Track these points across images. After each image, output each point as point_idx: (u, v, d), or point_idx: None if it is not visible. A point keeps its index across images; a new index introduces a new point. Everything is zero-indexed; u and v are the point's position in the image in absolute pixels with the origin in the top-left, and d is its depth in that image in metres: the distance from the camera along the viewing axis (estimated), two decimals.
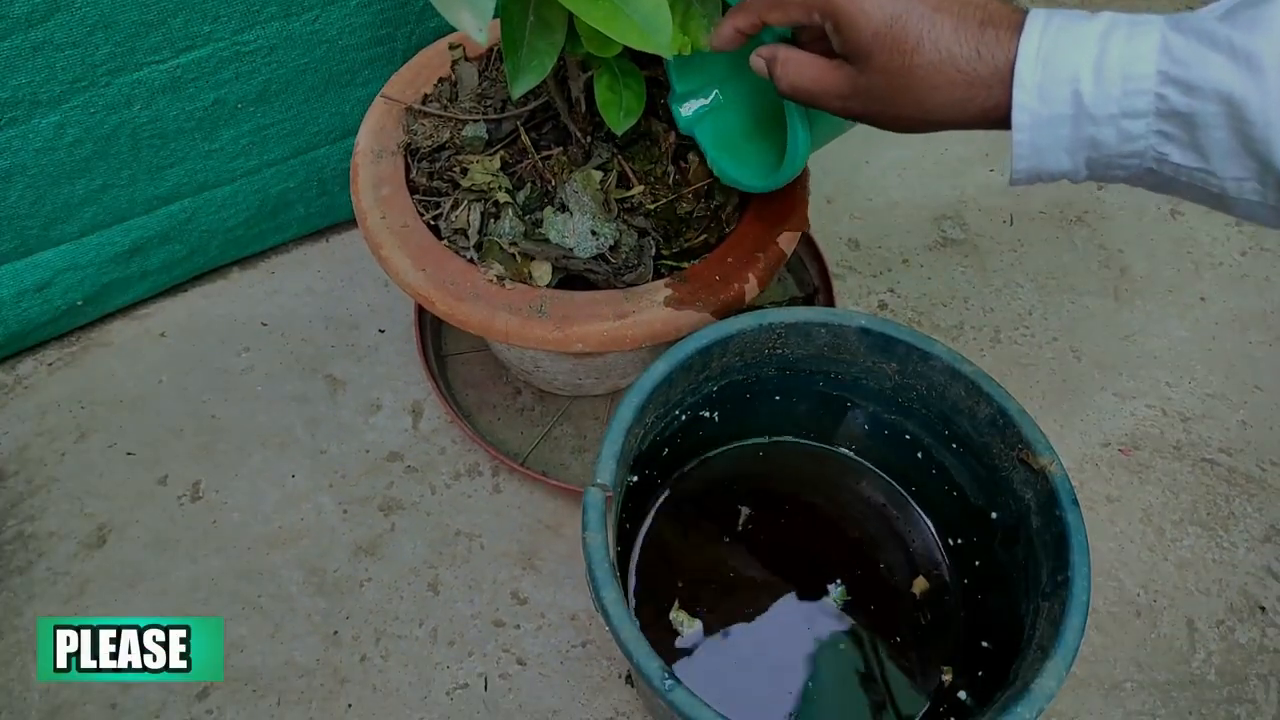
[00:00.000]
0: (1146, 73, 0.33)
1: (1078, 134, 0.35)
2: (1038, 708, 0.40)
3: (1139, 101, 0.33)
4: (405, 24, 0.76)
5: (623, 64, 0.57)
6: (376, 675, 0.64)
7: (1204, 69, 0.32)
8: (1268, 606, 0.69)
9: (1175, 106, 0.33)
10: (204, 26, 0.67)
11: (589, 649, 0.66)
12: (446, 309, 0.56)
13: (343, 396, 0.78)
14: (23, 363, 0.78)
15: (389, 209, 0.60)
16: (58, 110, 0.66)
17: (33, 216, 0.70)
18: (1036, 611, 0.47)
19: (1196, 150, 0.33)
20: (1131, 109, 0.34)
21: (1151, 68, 0.33)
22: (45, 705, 0.62)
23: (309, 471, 0.73)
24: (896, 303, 0.86)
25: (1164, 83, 0.33)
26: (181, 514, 0.71)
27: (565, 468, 0.74)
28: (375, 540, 0.70)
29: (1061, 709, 0.64)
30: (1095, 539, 0.70)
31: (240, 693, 0.63)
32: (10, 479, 0.72)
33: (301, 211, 0.84)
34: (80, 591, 0.67)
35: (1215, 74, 0.32)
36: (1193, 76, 0.32)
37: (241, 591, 0.68)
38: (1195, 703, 0.65)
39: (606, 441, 0.49)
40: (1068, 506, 0.46)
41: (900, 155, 0.98)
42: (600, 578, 0.44)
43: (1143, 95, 0.33)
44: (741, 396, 0.60)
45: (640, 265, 0.60)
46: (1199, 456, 0.77)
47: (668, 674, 0.41)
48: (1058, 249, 0.90)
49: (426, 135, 0.64)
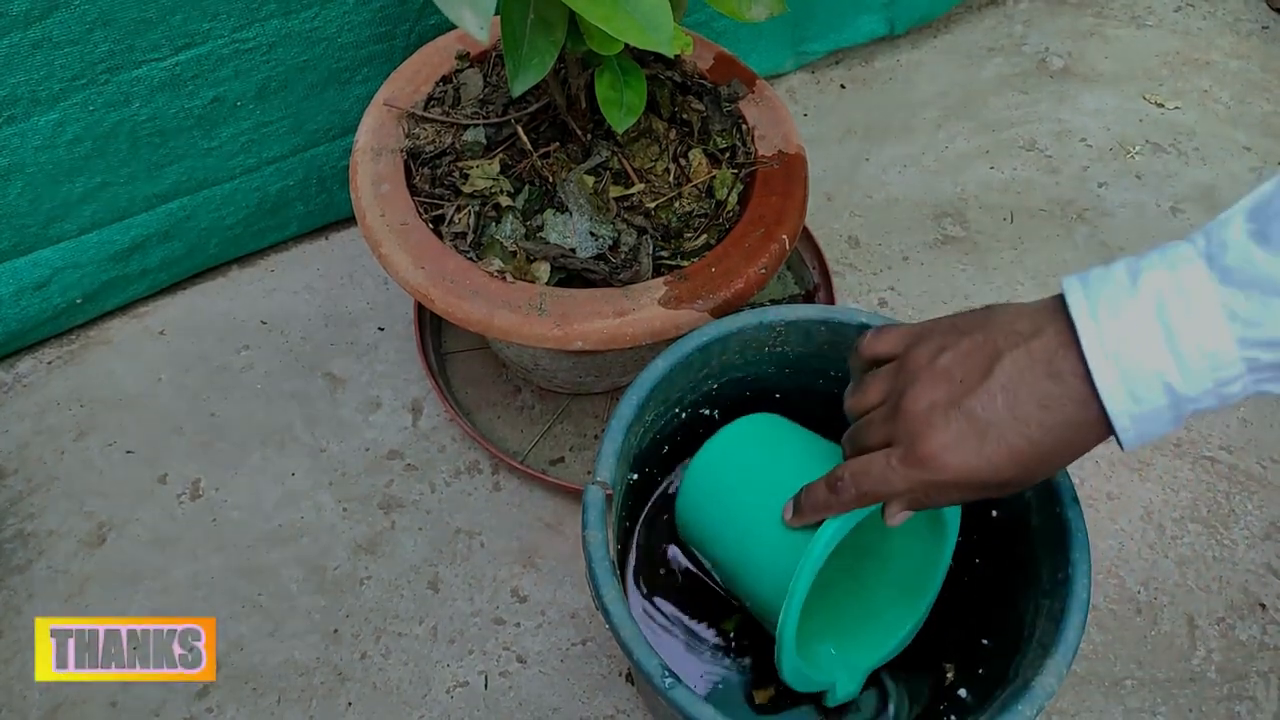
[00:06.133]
0: (1227, 346, 0.32)
1: (1178, 412, 0.34)
2: (1038, 705, 0.40)
3: (1230, 370, 0.33)
4: (405, 21, 0.76)
5: (624, 62, 0.57)
6: (376, 673, 0.64)
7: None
8: (1268, 604, 0.69)
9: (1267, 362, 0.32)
10: (203, 24, 0.67)
11: (589, 647, 0.66)
12: (446, 307, 0.56)
13: (342, 394, 0.78)
14: (22, 361, 0.78)
15: (388, 207, 0.60)
16: (57, 108, 0.66)
17: (32, 214, 0.70)
18: (1037, 609, 0.47)
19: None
20: (1225, 379, 0.33)
21: (1229, 339, 0.32)
22: (45, 704, 0.62)
23: (309, 469, 0.73)
24: (897, 300, 0.86)
25: (1247, 347, 0.32)
26: (181, 512, 0.71)
27: (565, 465, 0.74)
28: (375, 538, 0.70)
29: (1062, 706, 0.64)
30: (1096, 536, 0.70)
31: (240, 691, 0.63)
32: (10, 478, 0.72)
33: (301, 209, 0.84)
34: (80, 590, 0.67)
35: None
36: (1274, 333, 0.32)
37: (241, 590, 0.68)
38: (1196, 700, 0.65)
39: (607, 439, 0.49)
40: (1068, 504, 0.46)
41: (901, 152, 0.98)
42: (600, 576, 0.44)
43: (1232, 365, 0.33)
44: (741, 394, 0.59)
45: (639, 264, 0.60)
46: (1199, 454, 0.77)
47: (668, 672, 0.41)
48: (1058, 246, 0.90)
49: (429, 140, 0.64)
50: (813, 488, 0.44)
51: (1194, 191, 0.95)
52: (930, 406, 0.39)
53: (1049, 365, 0.36)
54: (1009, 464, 0.37)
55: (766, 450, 0.52)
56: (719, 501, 0.52)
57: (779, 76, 1.04)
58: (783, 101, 0.73)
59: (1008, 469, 0.37)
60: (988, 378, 0.37)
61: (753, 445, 0.53)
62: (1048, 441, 0.37)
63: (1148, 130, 1.01)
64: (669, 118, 0.67)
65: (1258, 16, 1.14)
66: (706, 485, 0.52)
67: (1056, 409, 0.36)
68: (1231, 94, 1.05)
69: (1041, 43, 1.10)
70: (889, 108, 1.02)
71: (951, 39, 1.10)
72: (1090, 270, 0.36)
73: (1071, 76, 1.06)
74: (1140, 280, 0.34)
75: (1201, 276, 0.33)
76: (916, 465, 0.39)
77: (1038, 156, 0.98)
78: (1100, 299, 0.35)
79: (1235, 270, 0.32)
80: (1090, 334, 0.35)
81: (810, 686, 0.50)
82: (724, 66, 0.70)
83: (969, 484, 0.38)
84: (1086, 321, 0.35)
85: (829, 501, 0.43)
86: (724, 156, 0.66)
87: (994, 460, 0.37)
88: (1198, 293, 0.33)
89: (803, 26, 0.99)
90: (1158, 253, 0.35)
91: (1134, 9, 1.15)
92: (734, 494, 0.51)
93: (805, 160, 0.65)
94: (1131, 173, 0.97)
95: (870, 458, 0.41)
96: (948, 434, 0.38)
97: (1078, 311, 0.35)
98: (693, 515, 0.53)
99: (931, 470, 0.38)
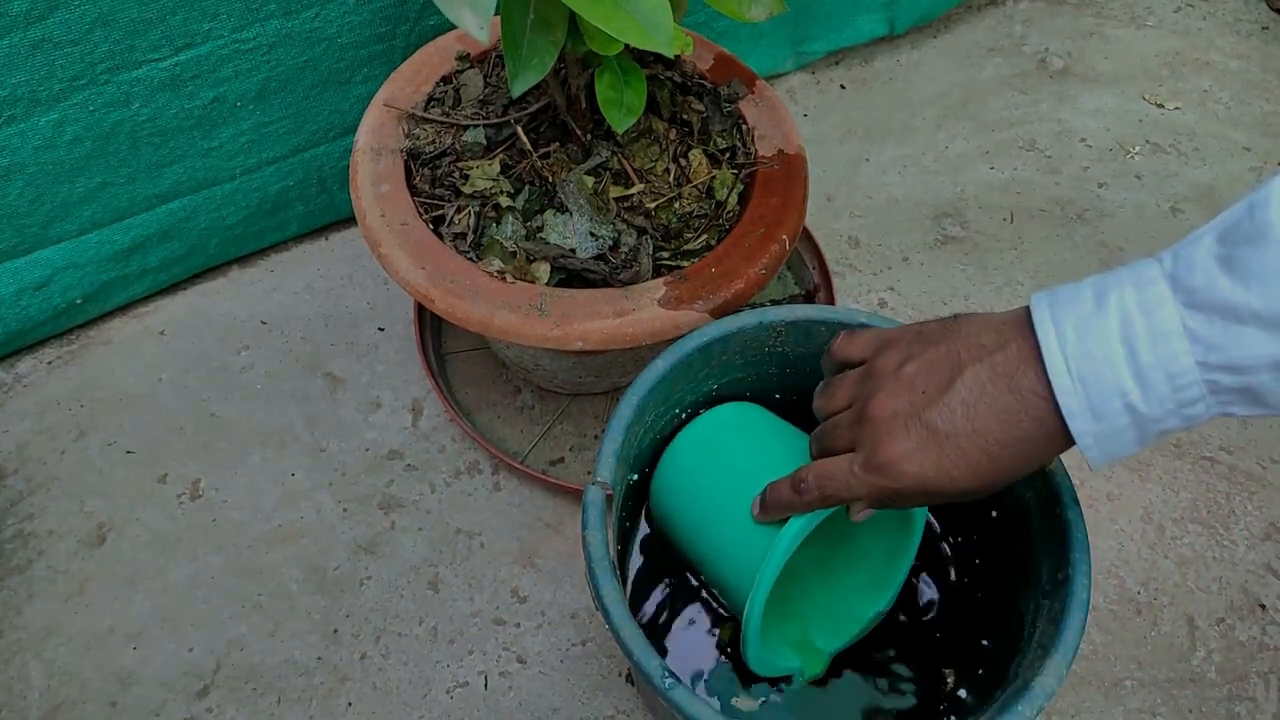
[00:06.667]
0: (1187, 367, 0.33)
1: (1142, 432, 0.35)
2: (1038, 705, 0.40)
3: (1191, 392, 0.33)
4: (405, 21, 0.76)
5: (625, 62, 0.57)
6: (376, 673, 0.64)
7: (1242, 348, 0.31)
8: (1268, 604, 0.69)
9: (1228, 385, 0.33)
10: (203, 24, 0.67)
11: (589, 647, 0.66)
12: (446, 307, 0.56)
13: (342, 395, 0.78)
14: (22, 361, 0.78)
15: (388, 207, 0.60)
16: (57, 108, 0.66)
17: (32, 214, 0.70)
18: (1037, 609, 0.47)
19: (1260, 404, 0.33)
20: (1186, 400, 0.33)
21: (1190, 361, 0.33)
22: (45, 704, 0.62)
23: (309, 470, 0.73)
24: (897, 300, 0.86)
25: (1208, 371, 0.32)
26: (181, 512, 0.71)
27: (565, 466, 0.74)
28: (375, 538, 0.70)
29: (1062, 707, 0.64)
30: (1096, 537, 0.70)
31: (240, 691, 0.63)
32: (10, 477, 0.72)
33: (301, 209, 0.84)
34: (80, 590, 0.67)
35: (1256, 350, 0.31)
36: (1234, 358, 0.32)
37: (241, 590, 0.68)
38: (1195, 700, 0.65)
39: (607, 439, 0.49)
40: (1068, 505, 0.46)
41: (900, 153, 0.98)
42: (600, 576, 0.44)
43: (1193, 386, 0.33)
44: (741, 394, 0.59)
45: (639, 264, 0.60)
46: (1199, 454, 0.77)
47: (668, 672, 0.41)
48: (1058, 247, 0.90)
49: (429, 140, 0.64)
50: (778, 486, 0.45)
51: (1194, 192, 0.95)
52: (893, 415, 0.40)
53: (1010, 380, 0.37)
54: (966, 475, 0.38)
55: (740, 440, 0.53)
56: (691, 488, 0.53)
57: (779, 76, 1.04)
58: (783, 101, 0.73)
59: (964, 480, 0.39)
60: (949, 390, 0.38)
61: (727, 435, 0.54)
62: (1005, 455, 0.38)
63: (1148, 130, 1.01)
64: (669, 118, 0.67)
65: (1258, 16, 1.14)
66: (680, 472, 0.54)
67: (1015, 424, 0.37)
68: (1231, 94, 1.05)
69: (1041, 43, 1.10)
70: (889, 108, 1.02)
71: (951, 39, 1.10)
72: (1059, 288, 0.37)
73: (1071, 77, 1.06)
74: (1107, 300, 0.35)
75: (1165, 298, 0.33)
76: (876, 472, 0.40)
77: (1038, 157, 0.98)
78: (1066, 319, 0.35)
79: (1199, 293, 0.32)
80: (1054, 353, 0.35)
81: (775, 672, 0.52)
82: (724, 66, 0.70)
83: (927, 492, 0.40)
84: (1051, 340, 0.35)
85: (793, 501, 0.44)
86: (724, 157, 0.66)
87: (951, 471, 0.38)
88: (1161, 315, 0.33)
89: (803, 26, 0.99)
90: (1127, 270, 0.35)
91: (1134, 9, 1.15)
92: (706, 482, 0.52)
93: (805, 160, 0.65)
94: (1131, 173, 0.97)
95: (834, 461, 0.42)
96: (908, 443, 0.39)
97: (1043, 331, 0.36)
98: (665, 500, 0.54)
99: (890, 478, 0.40)
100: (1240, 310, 0.31)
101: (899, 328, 0.44)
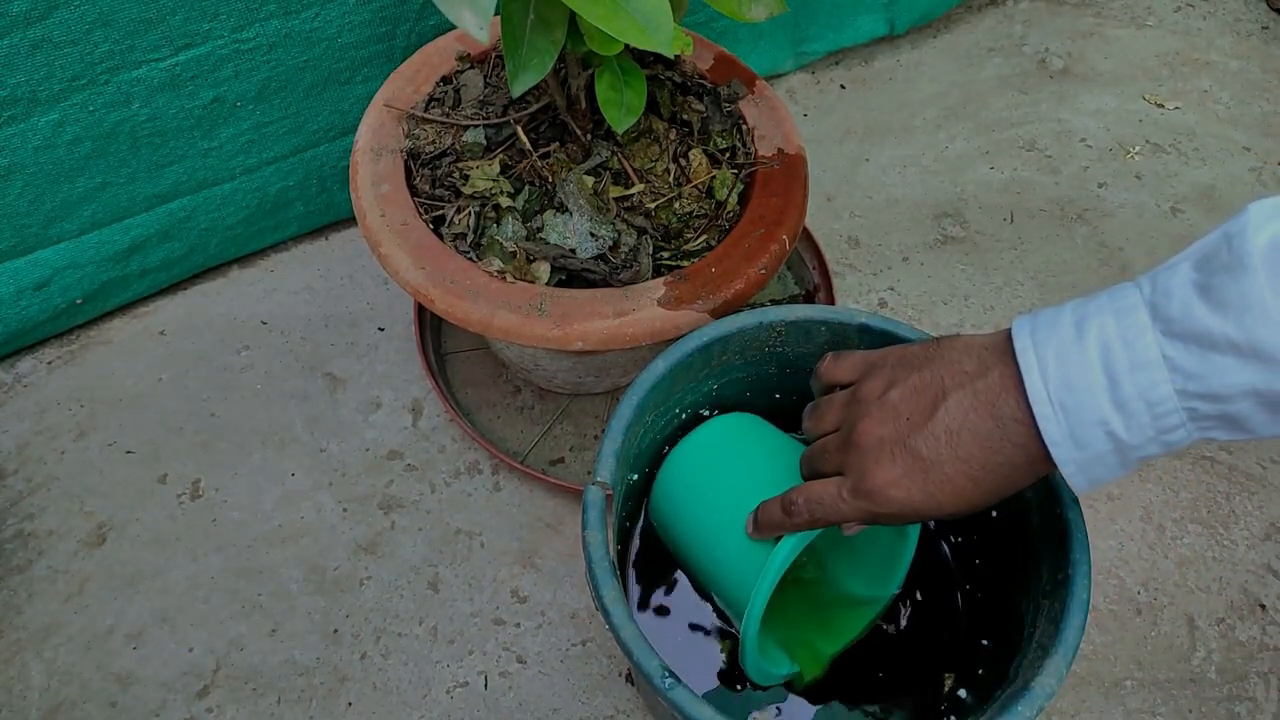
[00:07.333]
0: (1166, 395, 0.33)
1: (1124, 458, 0.35)
2: (1038, 706, 0.40)
3: (1171, 420, 0.34)
4: (405, 21, 0.76)
5: (625, 62, 0.57)
6: (376, 674, 0.64)
7: (1220, 376, 0.32)
8: (1268, 604, 0.69)
9: (1207, 413, 0.33)
10: (203, 24, 0.67)
11: (589, 647, 0.66)
12: (446, 307, 0.56)
13: (342, 395, 0.78)
14: (22, 361, 0.78)
15: (388, 207, 0.60)
16: (57, 108, 0.66)
17: (32, 214, 0.70)
18: (1037, 609, 0.47)
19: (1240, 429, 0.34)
20: (1166, 427, 0.34)
21: (1169, 389, 0.33)
22: (45, 704, 0.62)
23: (309, 470, 0.73)
24: (897, 301, 0.86)
25: (1187, 399, 0.33)
26: (181, 512, 0.71)
27: (565, 466, 0.74)
28: (375, 538, 0.70)
29: (1062, 707, 0.64)
30: (1095, 537, 0.70)
31: (240, 691, 0.63)
32: (10, 477, 0.72)
33: (301, 209, 0.84)
34: (80, 590, 0.67)
35: (1233, 378, 0.32)
36: (1212, 387, 0.32)
37: (241, 590, 0.68)
38: (1195, 700, 0.65)
39: (607, 439, 0.49)
40: (1068, 505, 0.46)
41: (900, 153, 0.98)
42: (600, 576, 0.44)
43: (1172, 414, 0.33)
44: (741, 394, 0.59)
45: (639, 264, 0.60)
46: (1199, 454, 0.77)
47: (668, 672, 0.41)
48: (1058, 246, 0.90)
49: (429, 140, 0.64)
50: (769, 507, 0.46)
51: (1193, 192, 0.95)
52: (879, 442, 0.41)
53: (992, 408, 0.38)
54: (952, 499, 0.39)
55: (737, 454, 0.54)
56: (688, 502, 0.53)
57: (779, 76, 1.04)
58: (783, 101, 0.73)
59: (951, 504, 0.39)
60: (933, 416, 0.39)
61: (724, 448, 0.54)
62: (989, 480, 0.38)
63: (1147, 130, 1.01)
64: (669, 118, 0.67)
65: (1258, 17, 1.14)
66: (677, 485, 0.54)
67: (998, 450, 0.38)
68: (1231, 94, 1.05)
69: (1041, 43, 1.10)
70: (889, 108, 1.02)
71: (951, 39, 1.10)
72: (1040, 313, 0.38)
73: (1071, 77, 1.06)
74: (1087, 328, 0.35)
75: (1144, 326, 0.34)
76: (864, 498, 0.41)
77: (1037, 157, 0.98)
78: (1047, 347, 0.36)
79: (1177, 323, 0.33)
80: (1035, 382, 0.36)
81: (774, 681, 0.53)
82: (724, 67, 0.70)
83: (914, 515, 0.41)
84: (1032, 369, 0.36)
85: (783, 522, 0.45)
86: (724, 157, 0.66)
87: (937, 496, 0.39)
88: (1141, 345, 0.34)
89: (803, 26, 0.99)
90: (1106, 296, 0.36)
91: (1134, 9, 1.15)
92: (703, 496, 0.53)
93: (805, 160, 0.65)
94: (1131, 173, 0.97)
95: (823, 485, 0.43)
96: (894, 470, 0.40)
97: (1025, 359, 0.36)
98: (663, 512, 0.55)
99: (878, 503, 0.41)
100: (1217, 339, 0.32)
101: (883, 350, 0.45)
